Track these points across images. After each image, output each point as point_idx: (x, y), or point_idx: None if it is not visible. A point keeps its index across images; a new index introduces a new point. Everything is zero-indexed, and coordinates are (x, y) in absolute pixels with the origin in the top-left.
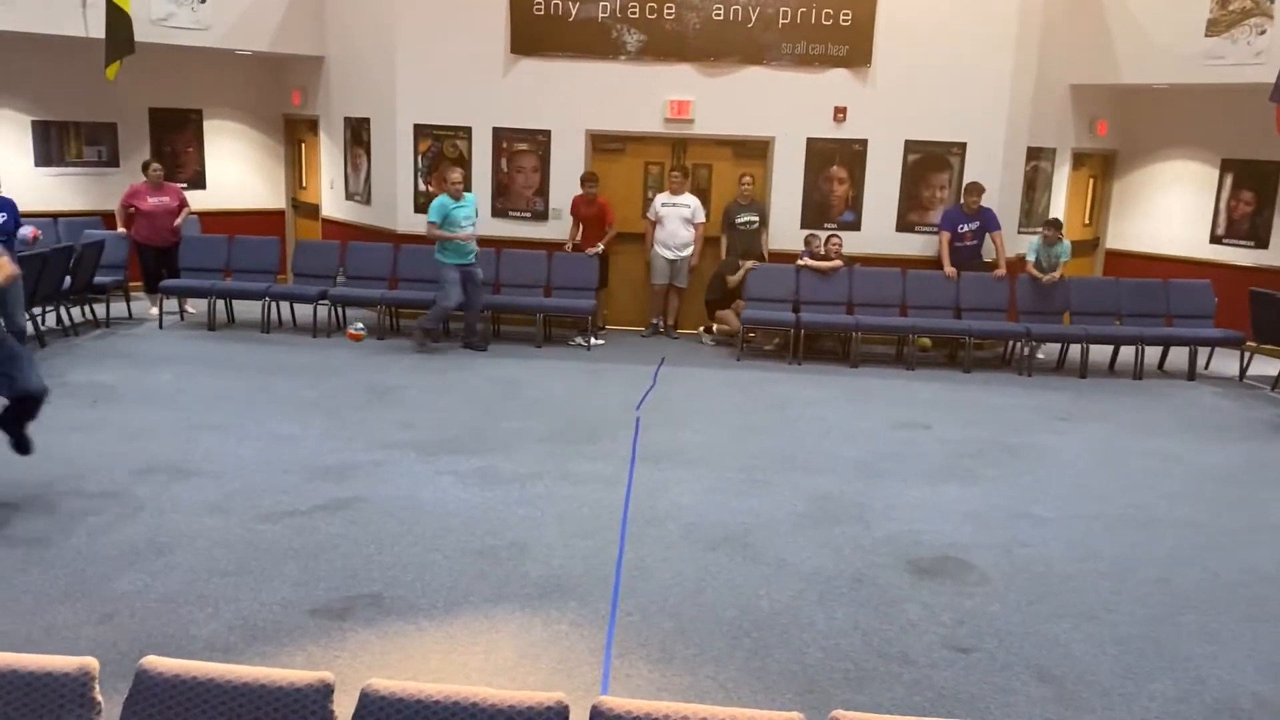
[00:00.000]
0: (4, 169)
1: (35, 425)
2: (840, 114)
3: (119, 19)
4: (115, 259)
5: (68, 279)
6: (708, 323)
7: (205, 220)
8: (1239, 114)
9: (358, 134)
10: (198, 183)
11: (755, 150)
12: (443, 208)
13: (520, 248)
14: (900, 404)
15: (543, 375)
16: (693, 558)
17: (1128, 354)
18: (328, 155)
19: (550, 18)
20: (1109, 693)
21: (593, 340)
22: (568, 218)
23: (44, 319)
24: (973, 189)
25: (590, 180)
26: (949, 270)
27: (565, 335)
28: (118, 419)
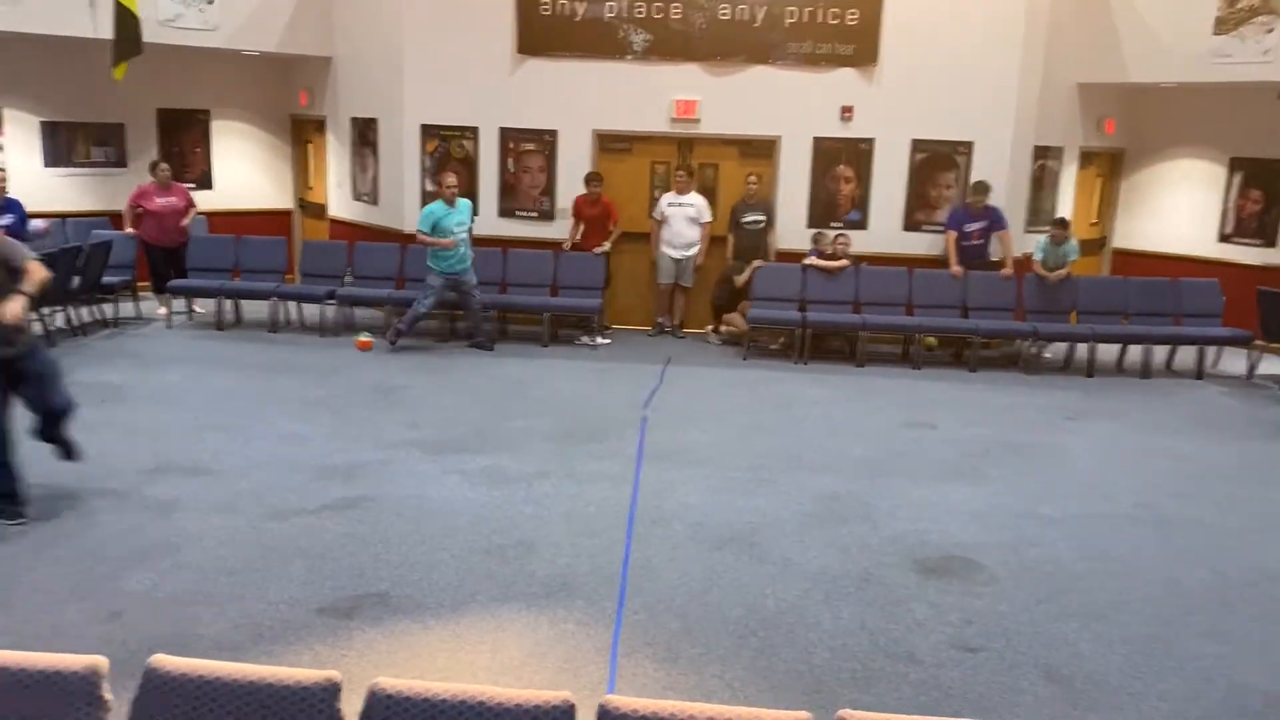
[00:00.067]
0: (13, 169)
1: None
2: (847, 113)
3: (127, 20)
4: (123, 259)
5: (76, 279)
6: (714, 323)
7: (213, 220)
8: (1247, 112)
9: (365, 134)
10: (205, 183)
11: (762, 150)
12: (431, 216)
13: (527, 247)
14: (907, 403)
15: (549, 375)
16: (699, 557)
17: (1135, 353)
18: (335, 155)
19: (557, 18)
20: (1118, 692)
21: (599, 340)
22: (569, 217)
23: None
24: (979, 188)
25: (595, 180)
26: (956, 269)
27: (571, 335)
28: (126, 419)
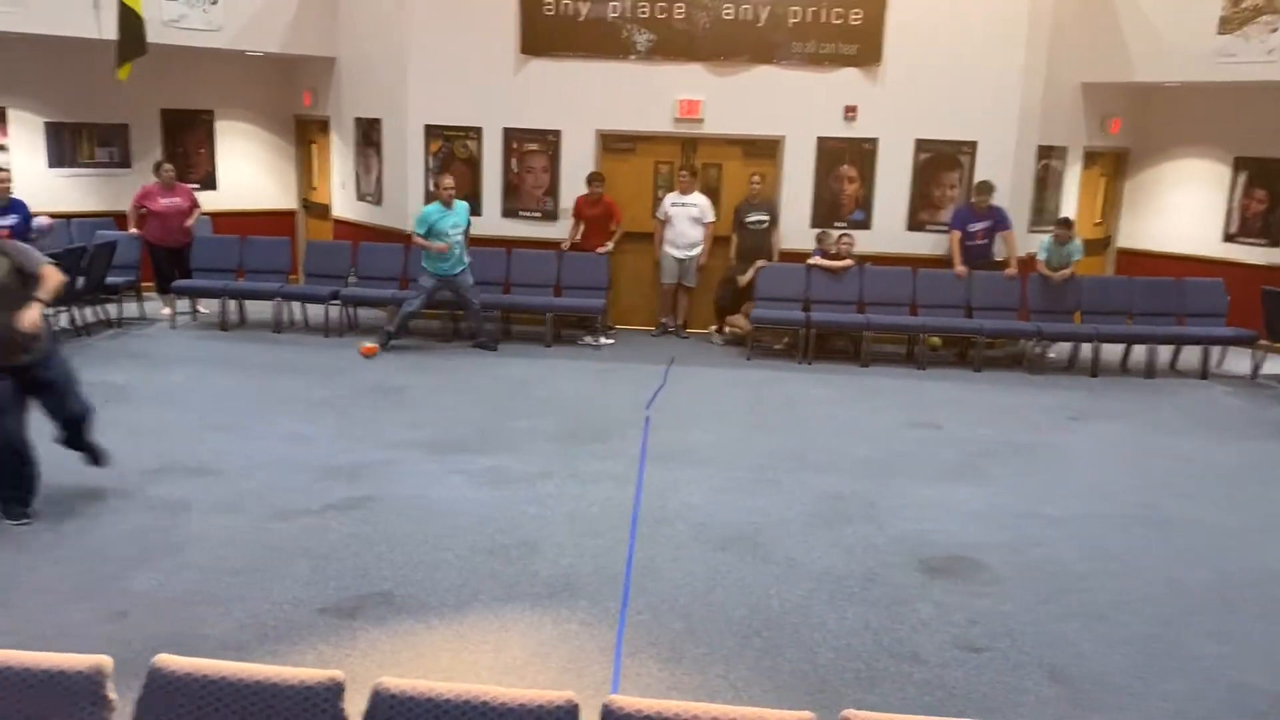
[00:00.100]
0: (17, 170)
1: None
2: (850, 113)
3: (131, 20)
4: (127, 259)
5: (80, 279)
6: (718, 323)
7: (217, 221)
8: (1252, 112)
9: (369, 135)
10: (209, 183)
11: (765, 149)
12: (426, 219)
13: (530, 248)
14: (911, 403)
15: (552, 375)
16: (703, 557)
17: (1140, 353)
18: (339, 156)
19: (560, 18)
20: (1121, 692)
21: (602, 340)
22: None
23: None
24: (983, 188)
25: (596, 180)
26: (960, 269)
27: (575, 335)
28: (130, 419)
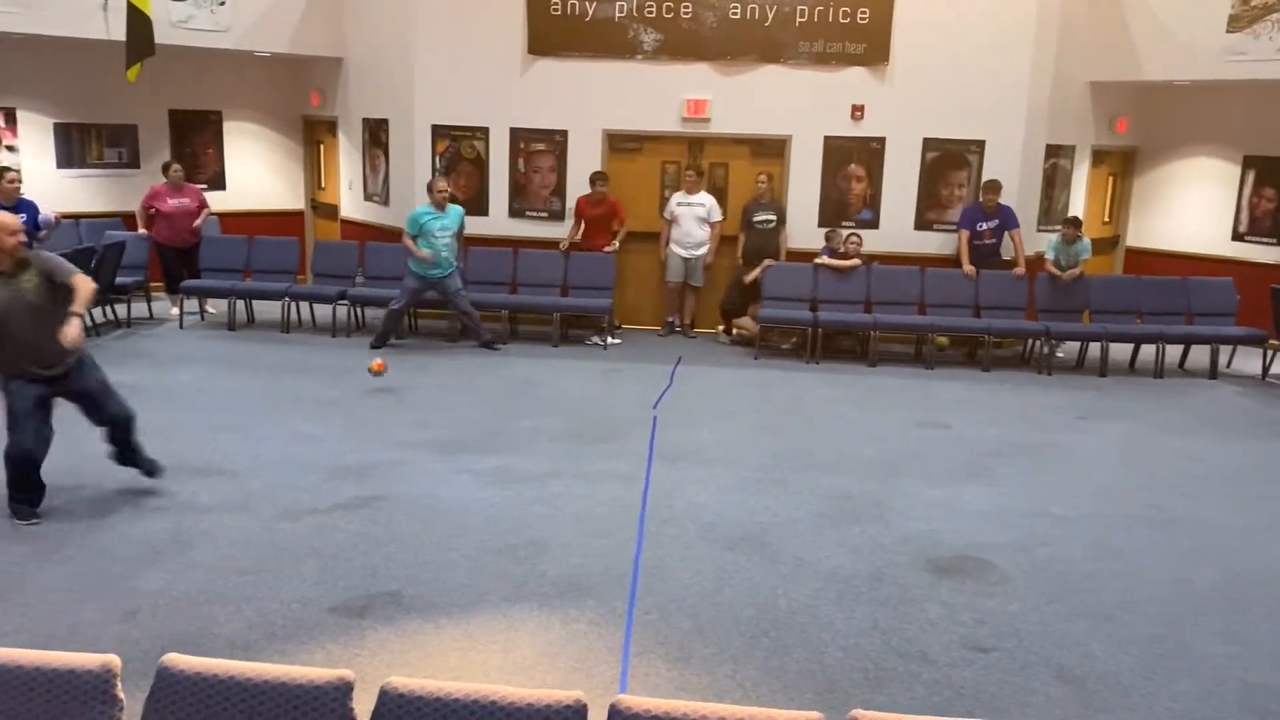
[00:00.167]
0: (26, 171)
1: (59, 424)
2: (858, 112)
3: (139, 21)
4: (136, 260)
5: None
6: (724, 324)
7: (225, 221)
8: (1261, 110)
9: (376, 135)
10: (217, 184)
11: (772, 149)
12: (416, 220)
13: (537, 248)
14: (919, 403)
15: (559, 374)
16: (711, 557)
17: (1148, 352)
18: (346, 156)
19: (567, 18)
20: (1130, 693)
21: (609, 339)
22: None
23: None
24: (991, 187)
25: (599, 179)
26: (968, 269)
27: (582, 335)
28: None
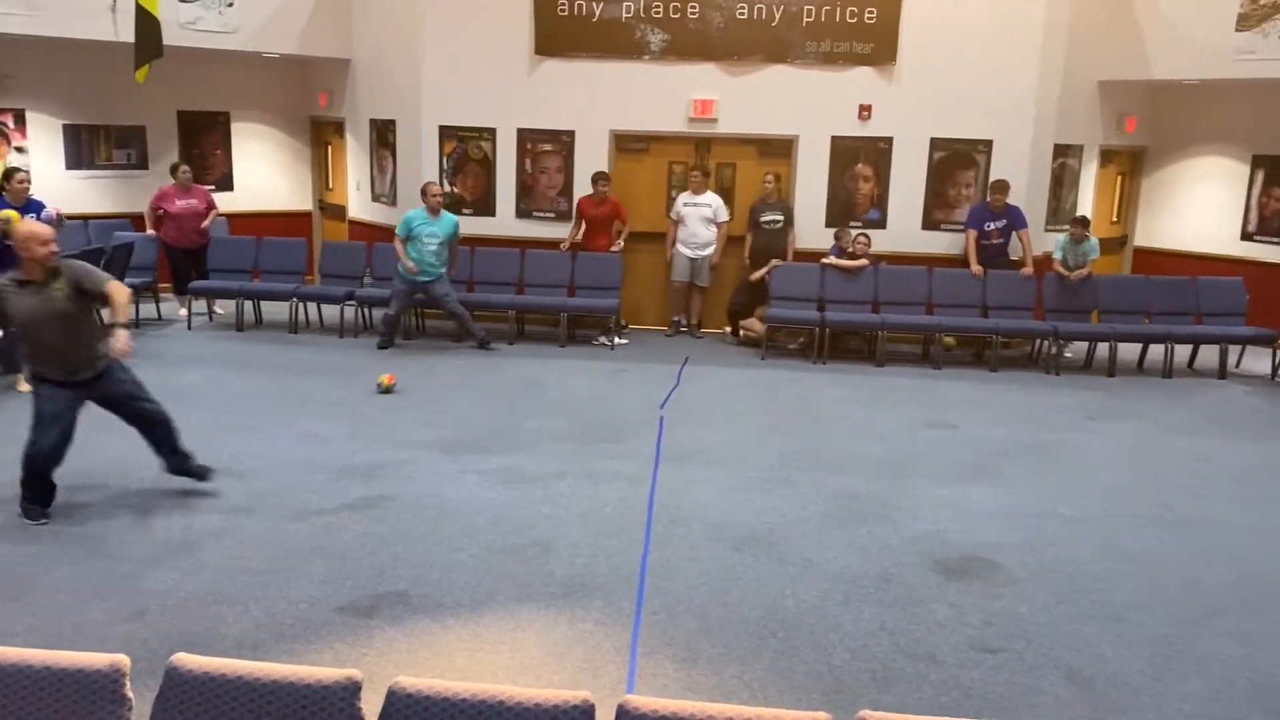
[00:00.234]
0: (35, 172)
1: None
2: (865, 112)
3: (148, 23)
4: (144, 261)
5: None
6: (731, 325)
7: (233, 222)
8: (1270, 109)
9: (383, 136)
10: (225, 185)
11: (779, 149)
12: (407, 223)
13: (544, 248)
14: (926, 403)
15: (566, 374)
16: (718, 557)
17: (1157, 352)
18: (354, 157)
19: (574, 18)
20: (1139, 694)
21: (616, 340)
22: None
23: None
24: (999, 187)
25: (602, 179)
26: (976, 269)
27: (589, 335)
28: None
